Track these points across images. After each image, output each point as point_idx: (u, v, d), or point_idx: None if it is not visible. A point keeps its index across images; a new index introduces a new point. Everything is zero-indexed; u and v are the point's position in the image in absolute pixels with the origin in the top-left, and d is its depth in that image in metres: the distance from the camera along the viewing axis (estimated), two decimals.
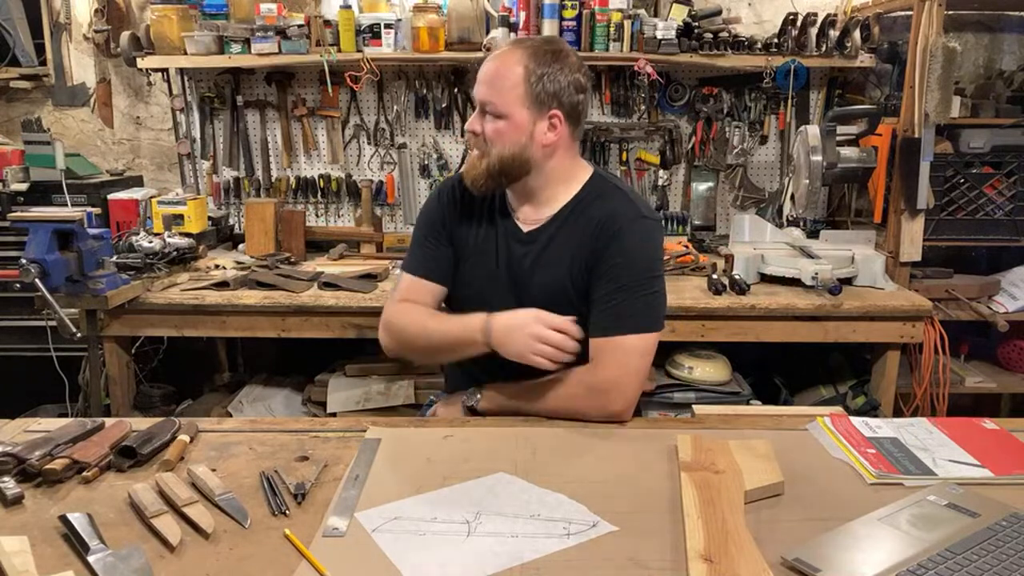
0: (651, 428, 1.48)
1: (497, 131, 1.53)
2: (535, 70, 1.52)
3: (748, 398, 2.54)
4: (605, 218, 1.55)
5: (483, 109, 1.55)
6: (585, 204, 1.60)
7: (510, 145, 1.54)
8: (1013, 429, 1.41)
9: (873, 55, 2.87)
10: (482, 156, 1.56)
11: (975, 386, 2.75)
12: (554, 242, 1.59)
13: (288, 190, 3.17)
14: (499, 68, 1.54)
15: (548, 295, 1.55)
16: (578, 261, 1.56)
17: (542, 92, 1.52)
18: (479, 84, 1.56)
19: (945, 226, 2.67)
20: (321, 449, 1.34)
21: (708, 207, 3.21)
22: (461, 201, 1.68)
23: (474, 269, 1.65)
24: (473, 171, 1.58)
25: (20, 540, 1.02)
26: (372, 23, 2.85)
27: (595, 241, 1.54)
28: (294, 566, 1.00)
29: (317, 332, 2.46)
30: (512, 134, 1.53)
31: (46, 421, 1.46)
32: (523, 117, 1.53)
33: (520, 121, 1.53)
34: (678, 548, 1.04)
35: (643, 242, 1.56)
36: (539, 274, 1.59)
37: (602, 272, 1.53)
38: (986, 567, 0.96)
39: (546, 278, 1.58)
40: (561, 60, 1.55)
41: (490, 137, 1.54)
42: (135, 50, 2.89)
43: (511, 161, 1.55)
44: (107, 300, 2.24)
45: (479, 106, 1.56)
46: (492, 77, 1.54)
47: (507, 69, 1.53)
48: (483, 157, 1.56)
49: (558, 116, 1.54)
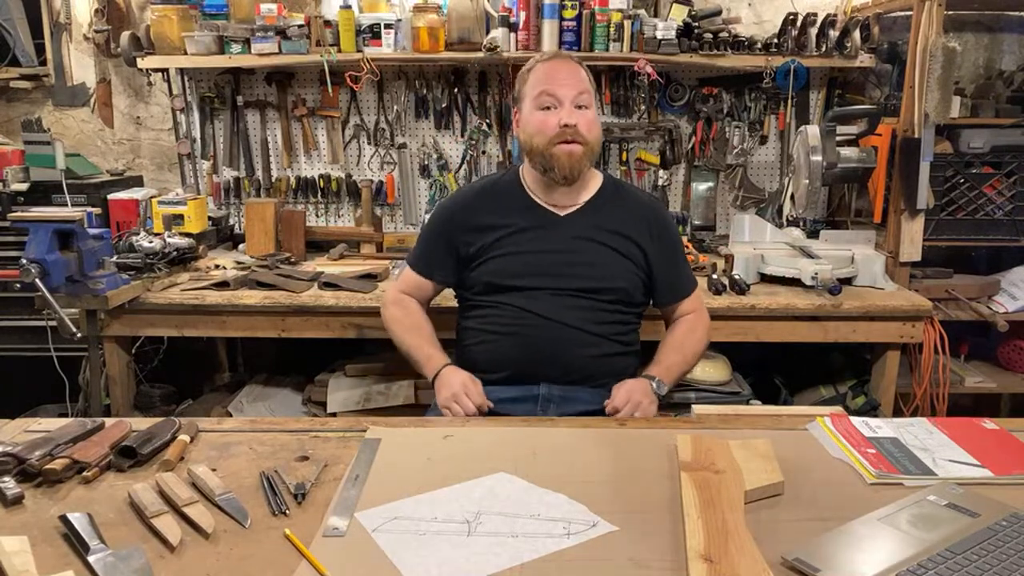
0: (651, 428, 1.48)
1: (592, 119, 1.78)
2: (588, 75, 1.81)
3: (748, 398, 2.54)
4: (643, 203, 1.92)
5: (576, 103, 1.75)
6: (614, 189, 1.91)
7: (599, 130, 1.83)
8: (1013, 429, 1.41)
9: (873, 55, 2.87)
10: (582, 144, 1.76)
11: (975, 386, 2.75)
12: (601, 215, 1.84)
13: (288, 190, 3.17)
14: (572, 68, 1.78)
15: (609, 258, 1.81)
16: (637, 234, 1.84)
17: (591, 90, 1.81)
18: (561, 83, 1.75)
19: (945, 226, 2.67)
20: (321, 449, 1.34)
21: (708, 207, 3.21)
22: (479, 204, 1.88)
23: (514, 250, 1.81)
24: (575, 159, 1.77)
25: (20, 540, 1.03)
26: (372, 23, 2.85)
27: (649, 221, 1.86)
28: (294, 566, 1.00)
29: (317, 332, 2.46)
30: (597, 120, 1.81)
31: (46, 421, 1.46)
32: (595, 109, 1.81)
33: (595, 112, 1.81)
34: (678, 548, 1.04)
35: (673, 222, 2.00)
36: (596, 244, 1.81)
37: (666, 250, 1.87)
38: (986, 567, 0.96)
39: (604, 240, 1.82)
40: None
41: (588, 126, 1.76)
42: (135, 50, 2.89)
43: (599, 144, 1.86)
44: (107, 300, 2.24)
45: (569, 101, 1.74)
46: (572, 75, 1.77)
47: (577, 70, 1.79)
48: (583, 145, 1.76)
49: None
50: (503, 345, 1.80)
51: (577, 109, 1.75)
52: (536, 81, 1.79)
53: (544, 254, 1.80)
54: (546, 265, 1.79)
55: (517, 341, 1.78)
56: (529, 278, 1.79)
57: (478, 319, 1.86)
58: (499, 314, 1.82)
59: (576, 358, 1.77)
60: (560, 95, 1.75)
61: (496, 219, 1.84)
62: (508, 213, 1.85)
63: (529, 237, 1.82)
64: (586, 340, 1.77)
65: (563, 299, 1.78)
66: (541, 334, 1.76)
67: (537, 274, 1.79)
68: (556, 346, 1.77)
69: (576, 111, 1.74)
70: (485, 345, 1.83)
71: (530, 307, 1.78)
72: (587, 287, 1.78)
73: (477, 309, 1.87)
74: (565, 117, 1.73)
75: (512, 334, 1.79)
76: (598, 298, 1.79)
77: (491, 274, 1.82)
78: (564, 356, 1.77)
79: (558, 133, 1.74)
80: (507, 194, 1.89)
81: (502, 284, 1.81)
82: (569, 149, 1.75)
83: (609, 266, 1.81)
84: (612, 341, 1.81)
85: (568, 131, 1.74)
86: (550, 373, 1.76)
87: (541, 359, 1.77)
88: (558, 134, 1.75)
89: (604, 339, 1.80)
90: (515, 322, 1.79)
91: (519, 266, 1.80)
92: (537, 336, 1.77)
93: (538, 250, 1.80)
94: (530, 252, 1.81)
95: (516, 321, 1.79)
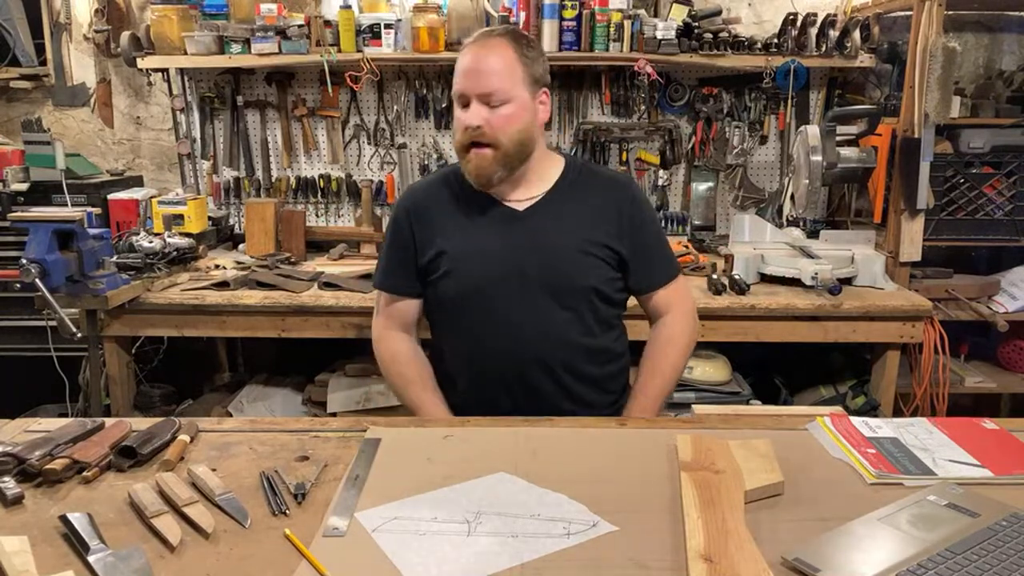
0: (651, 428, 1.48)
1: (506, 117, 1.57)
2: (524, 53, 1.59)
3: (748, 398, 2.54)
4: (613, 184, 1.73)
5: (485, 100, 1.56)
6: (577, 175, 1.71)
7: (518, 129, 1.58)
8: (1013, 429, 1.41)
9: (873, 55, 2.87)
10: (492, 147, 1.58)
11: (975, 386, 2.75)
12: (564, 209, 1.66)
13: (288, 190, 3.17)
14: (493, 54, 1.56)
15: (575, 251, 1.63)
16: (605, 220, 1.66)
17: (533, 72, 1.60)
18: (471, 75, 1.57)
19: (945, 226, 2.67)
20: (321, 449, 1.34)
21: (708, 207, 3.21)
22: (438, 201, 1.70)
23: (469, 259, 1.65)
24: (483, 165, 1.59)
25: (20, 540, 1.02)
26: (372, 23, 2.85)
27: (619, 202, 1.68)
28: (294, 566, 1.00)
29: (317, 332, 2.46)
30: (521, 115, 1.58)
31: (46, 421, 1.46)
32: (526, 98, 1.59)
33: (524, 102, 1.59)
34: (678, 548, 1.04)
35: (649, 202, 1.82)
36: (555, 238, 1.64)
37: (640, 234, 1.68)
38: (986, 567, 0.96)
39: (566, 240, 1.64)
40: (532, 42, 1.65)
41: (498, 125, 1.56)
42: (135, 50, 2.89)
43: (519, 145, 1.60)
44: (107, 300, 2.24)
45: (475, 98, 1.56)
46: (490, 64, 1.56)
47: (500, 55, 1.56)
48: (493, 147, 1.58)
49: (546, 93, 1.65)
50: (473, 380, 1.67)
51: (487, 107, 1.55)
52: (457, 68, 1.60)
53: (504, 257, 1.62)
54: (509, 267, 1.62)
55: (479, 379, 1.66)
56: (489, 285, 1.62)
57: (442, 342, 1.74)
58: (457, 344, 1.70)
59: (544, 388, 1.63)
60: (468, 91, 1.57)
61: (444, 218, 1.67)
62: (463, 215, 1.67)
63: (485, 238, 1.64)
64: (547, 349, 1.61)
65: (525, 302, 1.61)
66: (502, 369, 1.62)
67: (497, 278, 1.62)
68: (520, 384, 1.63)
69: (483, 109, 1.55)
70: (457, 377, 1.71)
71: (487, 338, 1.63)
72: (552, 290, 1.61)
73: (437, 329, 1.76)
74: (466, 118, 1.57)
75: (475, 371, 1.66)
76: (566, 303, 1.62)
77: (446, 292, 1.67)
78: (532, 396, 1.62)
79: (465, 135, 1.58)
80: (462, 188, 1.68)
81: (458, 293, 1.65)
82: (477, 153, 1.58)
83: (576, 259, 1.62)
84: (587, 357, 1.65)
85: (473, 133, 1.57)
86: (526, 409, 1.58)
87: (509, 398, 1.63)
88: (466, 135, 1.58)
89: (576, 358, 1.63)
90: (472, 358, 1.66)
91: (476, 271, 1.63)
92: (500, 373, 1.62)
93: (496, 251, 1.63)
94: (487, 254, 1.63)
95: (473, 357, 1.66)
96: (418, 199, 1.73)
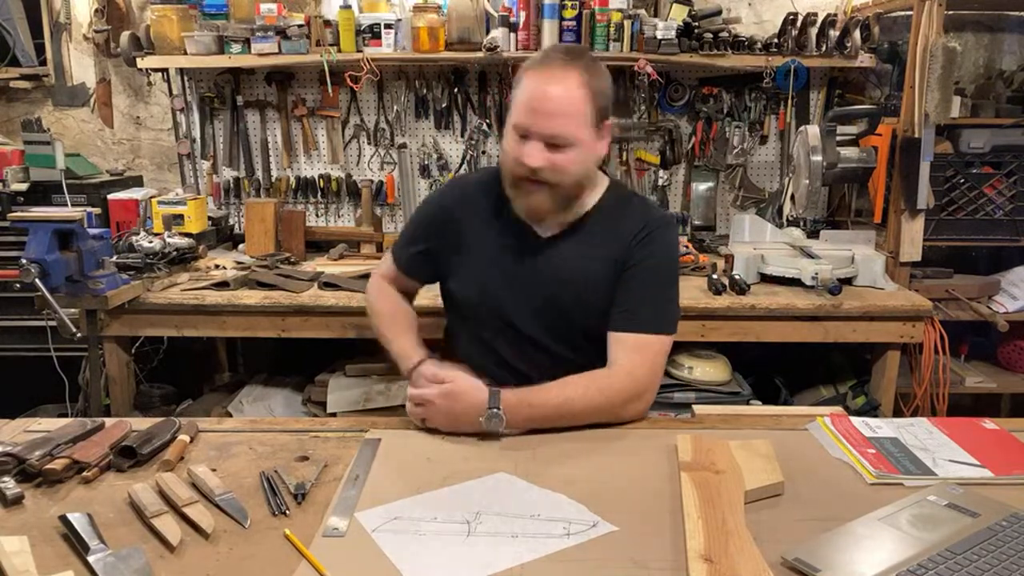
0: (651, 428, 1.48)
1: (568, 160, 1.46)
2: (594, 87, 1.47)
3: (748, 398, 2.54)
4: (638, 223, 1.57)
5: (549, 140, 1.45)
6: (611, 208, 1.60)
7: (579, 171, 1.50)
8: (1013, 429, 1.41)
9: (873, 55, 2.87)
10: (551, 186, 1.48)
11: (975, 386, 2.75)
12: (586, 243, 1.58)
13: (288, 190, 3.17)
14: (563, 96, 1.44)
15: (580, 291, 1.56)
16: (617, 259, 1.55)
17: (600, 108, 1.49)
18: (536, 114, 1.44)
19: (945, 226, 2.67)
20: (321, 449, 1.34)
21: (708, 207, 3.20)
22: (467, 208, 1.65)
23: (486, 272, 1.62)
24: (539, 206, 1.51)
25: (20, 540, 1.02)
26: (372, 23, 2.85)
27: (631, 243, 1.55)
28: (294, 566, 1.00)
29: (317, 332, 2.45)
30: (582, 160, 1.49)
31: (46, 421, 1.46)
32: (589, 139, 1.49)
33: (590, 144, 1.49)
34: (678, 548, 1.04)
35: (671, 247, 1.61)
36: (567, 271, 1.56)
37: (634, 272, 1.54)
38: (986, 567, 0.96)
39: (582, 275, 1.56)
40: (600, 67, 1.52)
41: (561, 166, 1.46)
42: (135, 50, 2.89)
43: (579, 184, 1.53)
44: (107, 300, 2.24)
45: (538, 138, 1.45)
46: (556, 107, 1.44)
47: (569, 95, 1.44)
48: (552, 187, 1.48)
49: (608, 126, 1.54)
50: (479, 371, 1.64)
51: (550, 147, 1.45)
52: (520, 97, 1.48)
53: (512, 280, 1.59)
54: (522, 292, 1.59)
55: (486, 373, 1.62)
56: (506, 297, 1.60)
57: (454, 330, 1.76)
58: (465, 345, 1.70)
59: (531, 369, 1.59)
60: (533, 128, 1.45)
61: (482, 233, 1.63)
62: (491, 226, 1.62)
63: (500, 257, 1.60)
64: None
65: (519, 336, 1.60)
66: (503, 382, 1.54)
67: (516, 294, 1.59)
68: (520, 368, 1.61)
69: (546, 150, 1.45)
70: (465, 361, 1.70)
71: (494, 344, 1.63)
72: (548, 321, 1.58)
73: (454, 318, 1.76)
74: (525, 157, 1.45)
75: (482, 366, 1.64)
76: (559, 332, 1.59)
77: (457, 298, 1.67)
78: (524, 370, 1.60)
79: (521, 168, 1.47)
80: (499, 201, 1.61)
81: (469, 311, 1.66)
82: (531, 191, 1.49)
83: (580, 297, 1.56)
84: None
85: (529, 173, 1.47)
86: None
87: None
88: (521, 169, 1.47)
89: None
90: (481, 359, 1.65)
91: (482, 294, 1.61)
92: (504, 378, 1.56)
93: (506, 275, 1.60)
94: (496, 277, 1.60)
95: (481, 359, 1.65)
96: (457, 201, 1.67)
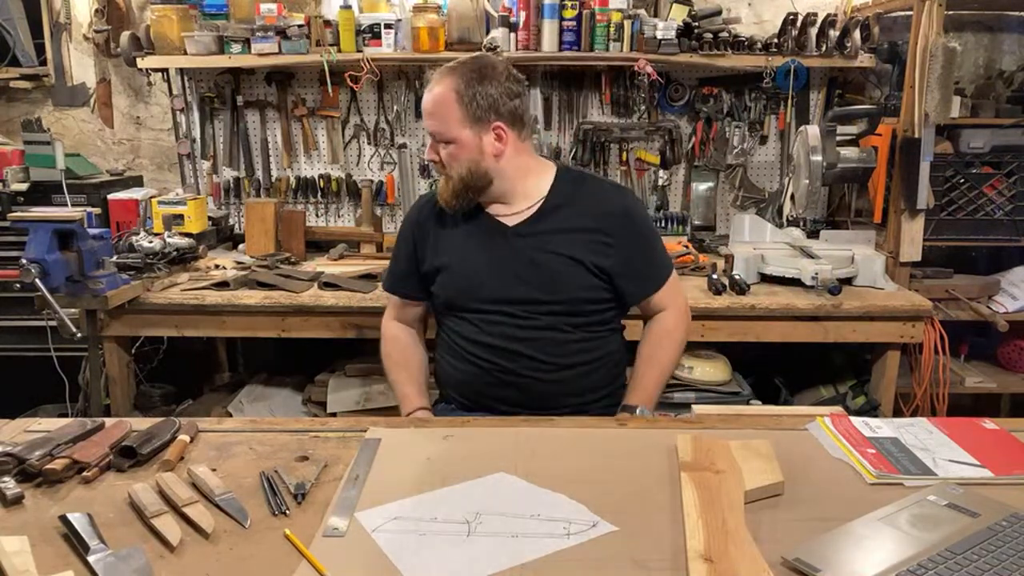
0: (651, 428, 1.48)
1: (450, 155, 1.67)
2: (466, 91, 1.64)
3: (748, 398, 2.54)
4: (604, 196, 1.77)
5: (436, 139, 1.68)
6: (569, 189, 1.75)
7: (465, 164, 1.68)
8: (1013, 429, 1.41)
9: (873, 55, 2.87)
10: (447, 179, 1.70)
11: (975, 386, 2.75)
12: (554, 225, 1.72)
13: (288, 190, 3.17)
14: (435, 99, 1.65)
15: (561, 268, 1.69)
16: (592, 235, 1.70)
17: (478, 109, 1.64)
18: (424, 117, 1.71)
19: (945, 226, 2.67)
20: (321, 449, 1.34)
21: (708, 207, 3.20)
22: (438, 215, 1.79)
23: (466, 264, 1.74)
24: (444, 193, 1.72)
25: (20, 540, 1.03)
26: (372, 23, 2.85)
27: (605, 218, 1.71)
28: (294, 566, 1.00)
29: (317, 332, 2.46)
30: (464, 154, 1.67)
31: (46, 421, 1.46)
32: (468, 136, 1.66)
33: (467, 141, 1.66)
34: (678, 548, 1.04)
35: (643, 212, 1.90)
36: (546, 254, 1.70)
37: (627, 243, 1.71)
38: (986, 567, 0.96)
39: (560, 253, 1.69)
40: (488, 75, 1.66)
41: (446, 161, 1.69)
42: (135, 50, 2.89)
43: (470, 177, 1.69)
44: (107, 300, 2.24)
45: (431, 136, 1.70)
46: (432, 109, 1.67)
47: (441, 98, 1.65)
48: (448, 179, 1.70)
49: (500, 126, 1.67)
50: (466, 373, 1.74)
51: (442, 144, 1.68)
52: None
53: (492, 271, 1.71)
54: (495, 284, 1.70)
55: (473, 370, 1.72)
56: (478, 301, 1.72)
57: (443, 337, 1.81)
58: (454, 339, 1.76)
59: (534, 384, 1.69)
60: (426, 129, 1.72)
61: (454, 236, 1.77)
62: (461, 227, 1.77)
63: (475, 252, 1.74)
64: (540, 367, 1.69)
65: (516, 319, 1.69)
66: (494, 365, 1.70)
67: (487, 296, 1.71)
68: (511, 375, 1.69)
69: (437, 144, 1.69)
70: (450, 369, 1.78)
71: (479, 336, 1.71)
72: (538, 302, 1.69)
73: (441, 327, 1.83)
74: (427, 153, 1.74)
75: (470, 363, 1.73)
76: (552, 313, 1.69)
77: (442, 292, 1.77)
78: (520, 384, 1.69)
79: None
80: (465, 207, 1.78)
81: (453, 305, 1.76)
82: (441, 183, 1.74)
83: (562, 275, 1.69)
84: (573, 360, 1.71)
85: (434, 166, 1.76)
86: (516, 400, 1.69)
87: (500, 389, 1.71)
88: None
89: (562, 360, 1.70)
90: (469, 350, 1.73)
91: (467, 287, 1.73)
92: (490, 367, 1.70)
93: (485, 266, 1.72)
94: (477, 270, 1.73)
95: (469, 349, 1.73)
96: (423, 213, 1.83)
